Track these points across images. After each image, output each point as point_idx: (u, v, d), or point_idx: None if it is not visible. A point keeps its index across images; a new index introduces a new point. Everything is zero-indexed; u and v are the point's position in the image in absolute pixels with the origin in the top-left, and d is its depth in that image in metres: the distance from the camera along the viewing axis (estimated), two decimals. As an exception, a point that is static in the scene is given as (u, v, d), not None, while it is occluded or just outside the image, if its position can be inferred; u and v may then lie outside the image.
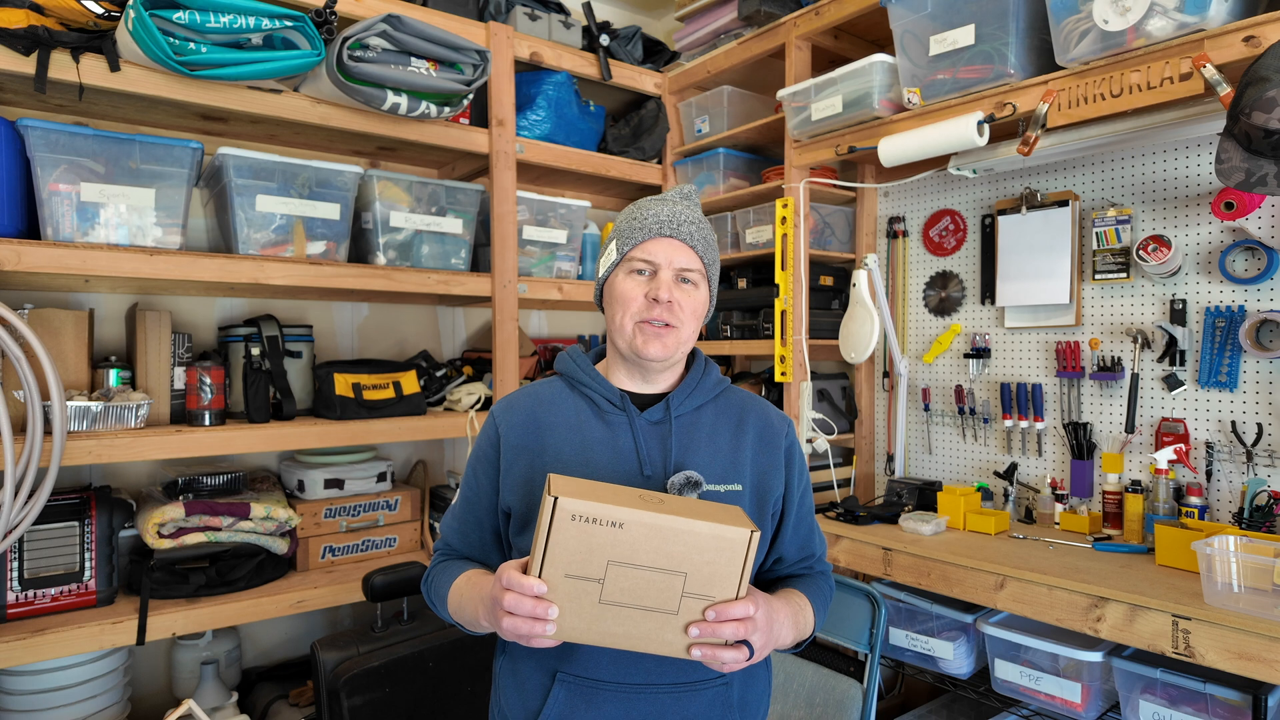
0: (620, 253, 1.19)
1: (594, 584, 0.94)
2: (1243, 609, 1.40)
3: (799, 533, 1.27)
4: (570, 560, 0.93)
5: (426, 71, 2.03)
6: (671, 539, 0.94)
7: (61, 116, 2.02)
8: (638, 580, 0.95)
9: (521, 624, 0.94)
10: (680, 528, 0.93)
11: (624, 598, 0.95)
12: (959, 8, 1.88)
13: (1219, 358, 1.83)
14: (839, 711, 1.62)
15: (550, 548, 0.93)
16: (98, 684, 1.93)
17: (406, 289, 2.22)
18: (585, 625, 0.96)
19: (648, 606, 0.96)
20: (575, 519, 0.91)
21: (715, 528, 0.94)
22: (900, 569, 1.89)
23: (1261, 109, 1.36)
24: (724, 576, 0.96)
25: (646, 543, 0.94)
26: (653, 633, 0.97)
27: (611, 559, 0.94)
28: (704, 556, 0.95)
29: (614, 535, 0.93)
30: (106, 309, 2.21)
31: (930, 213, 2.43)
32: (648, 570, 0.94)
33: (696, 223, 1.20)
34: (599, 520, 0.92)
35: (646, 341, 1.16)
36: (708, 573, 0.95)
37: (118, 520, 1.95)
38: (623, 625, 0.97)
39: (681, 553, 0.94)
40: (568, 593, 0.94)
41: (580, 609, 0.95)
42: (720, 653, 0.98)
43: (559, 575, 0.94)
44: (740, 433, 1.23)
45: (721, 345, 2.70)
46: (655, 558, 0.94)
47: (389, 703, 1.84)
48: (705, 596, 0.96)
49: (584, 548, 0.93)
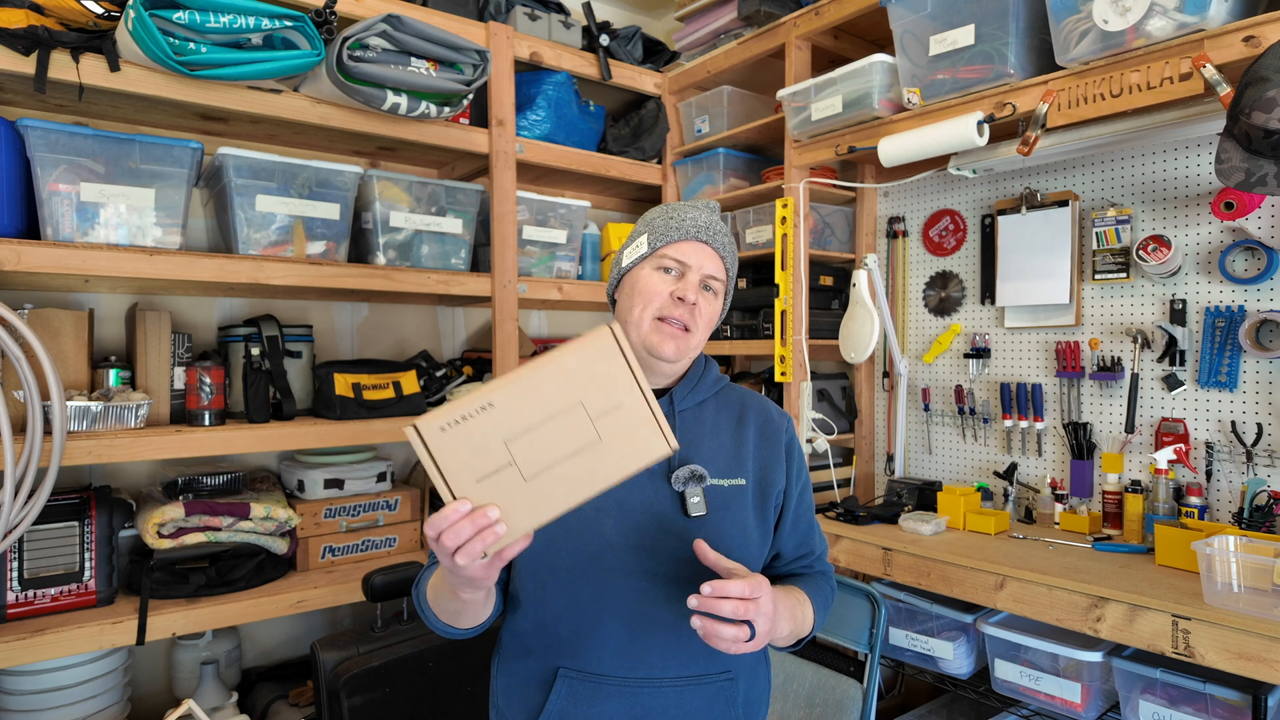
0: (652, 247, 1.20)
1: (509, 469, 0.91)
2: (1242, 609, 1.40)
3: (798, 529, 1.28)
4: (470, 465, 0.89)
5: (426, 71, 2.03)
6: (544, 382, 0.91)
7: (61, 116, 2.02)
8: (544, 438, 0.91)
9: (475, 544, 0.89)
10: (546, 369, 0.90)
11: (545, 460, 0.91)
12: (959, 8, 1.88)
13: (1219, 358, 1.83)
14: (839, 711, 1.62)
15: (444, 469, 0.89)
16: (97, 684, 1.92)
17: (406, 289, 2.22)
18: (530, 507, 0.92)
19: (572, 452, 0.92)
20: (445, 429, 0.88)
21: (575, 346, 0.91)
22: (900, 569, 1.89)
23: (1261, 109, 1.36)
24: (616, 380, 0.93)
25: (526, 403, 0.90)
26: (596, 469, 0.94)
27: (506, 437, 0.90)
28: (584, 376, 0.92)
29: (492, 417, 0.89)
30: (106, 309, 2.21)
31: (930, 213, 2.43)
32: (546, 423, 0.91)
33: (726, 235, 1.25)
34: (467, 415, 0.88)
35: (662, 340, 1.17)
36: (600, 387, 0.92)
37: (118, 520, 1.95)
38: (563, 483, 0.93)
39: (562, 388, 0.91)
40: (492, 493, 0.90)
41: (514, 498, 0.91)
42: (720, 628, 0.97)
43: (470, 484, 0.90)
44: (742, 428, 1.24)
45: (721, 345, 2.70)
46: (543, 409, 0.91)
47: (389, 703, 1.84)
48: (615, 407, 0.93)
49: (474, 445, 0.89)
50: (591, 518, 1.14)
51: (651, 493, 1.16)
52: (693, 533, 1.14)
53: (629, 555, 1.13)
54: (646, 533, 1.14)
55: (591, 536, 1.14)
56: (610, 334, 0.92)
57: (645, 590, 1.13)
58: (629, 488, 1.15)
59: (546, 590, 1.15)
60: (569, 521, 1.13)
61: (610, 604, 1.13)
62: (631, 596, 1.13)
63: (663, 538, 1.14)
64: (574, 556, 1.14)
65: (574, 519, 1.13)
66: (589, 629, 1.13)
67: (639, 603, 1.13)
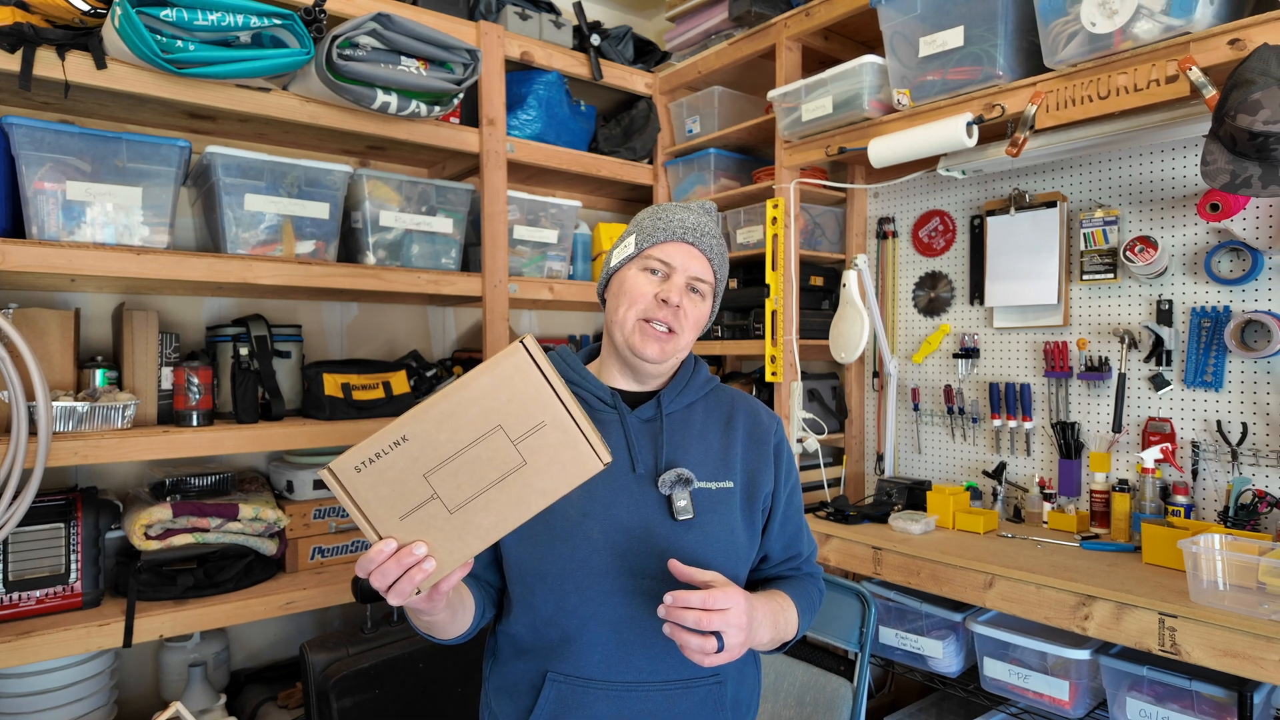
0: (638, 248, 1.20)
1: (433, 503, 0.86)
2: (1228, 607, 1.41)
3: (785, 531, 1.28)
4: (392, 503, 0.86)
5: (416, 70, 2.03)
6: (458, 409, 0.86)
7: (47, 114, 2.00)
8: (465, 468, 0.87)
9: (404, 583, 0.88)
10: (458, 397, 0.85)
11: (468, 490, 0.87)
12: (948, 9, 1.89)
13: (1205, 358, 1.84)
14: (829, 710, 1.62)
15: (364, 508, 0.86)
16: (84, 687, 1.91)
17: (396, 289, 2.21)
18: (458, 540, 0.88)
19: (496, 479, 0.88)
20: (360, 468, 0.85)
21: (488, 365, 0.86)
22: (890, 568, 1.90)
23: (1246, 111, 1.37)
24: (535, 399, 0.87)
25: (440, 433, 0.85)
26: (525, 494, 0.89)
27: (425, 471, 0.86)
28: (500, 398, 0.86)
29: (407, 451, 0.85)
30: (93, 308, 2.19)
31: (920, 213, 2.44)
32: (465, 452, 0.86)
33: (716, 237, 1.23)
34: (382, 452, 0.85)
35: (645, 341, 1.16)
36: (518, 408, 0.87)
37: (104, 522, 1.93)
38: (489, 513, 0.88)
39: (479, 415, 0.86)
40: (417, 529, 0.87)
41: (442, 531, 0.88)
42: (686, 637, 0.97)
43: (394, 522, 0.87)
44: (730, 430, 1.24)
45: (712, 345, 2.70)
46: (460, 438, 0.86)
47: (379, 704, 1.83)
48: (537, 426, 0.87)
49: (392, 483, 0.85)
50: (578, 522, 1.13)
51: (638, 496, 1.15)
52: (680, 536, 1.14)
53: (616, 560, 1.13)
54: (633, 537, 1.13)
55: (578, 541, 1.13)
56: (523, 349, 0.86)
57: (632, 595, 1.13)
58: (615, 491, 1.14)
59: (535, 595, 1.15)
60: (555, 526, 1.13)
61: (597, 608, 1.13)
62: (619, 601, 1.13)
63: (649, 542, 1.14)
64: (561, 562, 1.13)
65: (560, 524, 1.13)
66: (576, 633, 1.13)
67: (626, 607, 1.13)
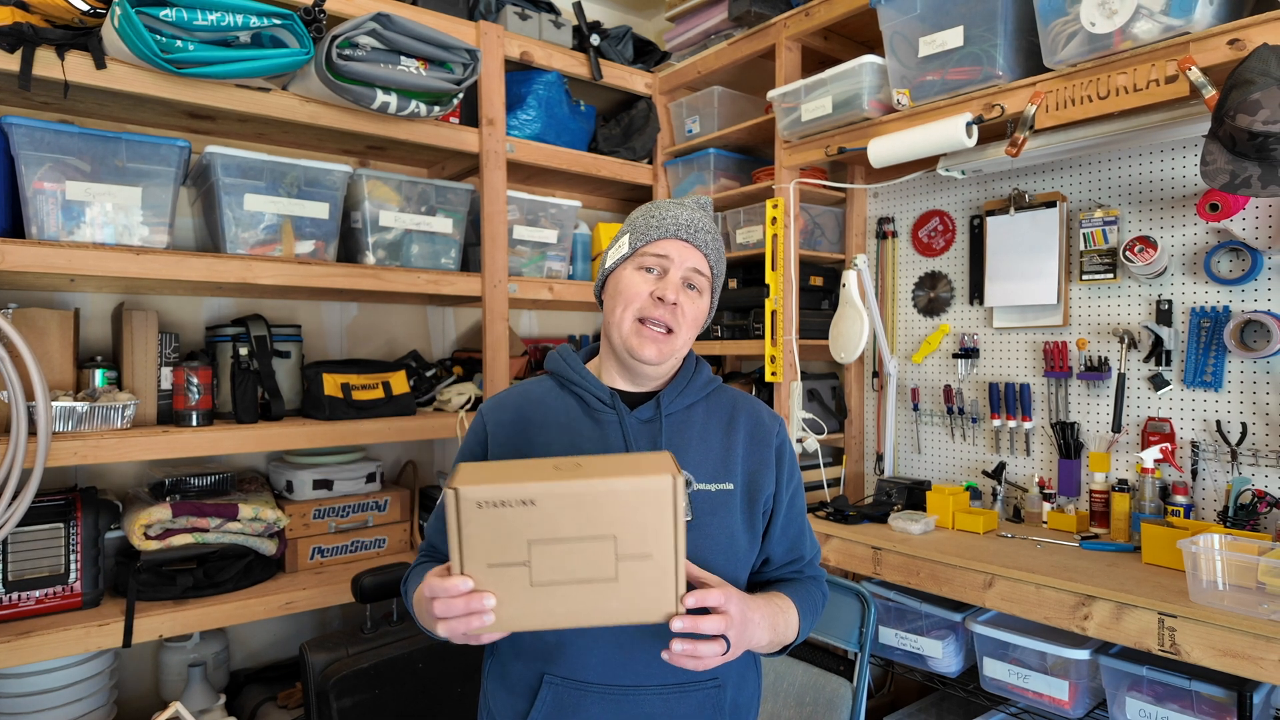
0: (633, 247, 1.19)
1: (521, 568, 0.87)
2: (1227, 606, 1.41)
3: (788, 533, 1.27)
4: (489, 549, 0.86)
5: (416, 70, 2.03)
6: (589, 504, 0.86)
7: (47, 114, 2.00)
8: (566, 555, 0.87)
9: (458, 624, 0.89)
10: (596, 490, 0.85)
11: (556, 575, 0.87)
12: (948, 9, 1.89)
13: (1204, 358, 1.84)
14: (829, 710, 1.62)
15: (465, 541, 0.86)
16: (84, 687, 1.91)
17: (396, 289, 2.21)
18: (524, 611, 0.89)
19: (584, 579, 0.88)
20: (482, 506, 0.85)
21: (634, 482, 0.86)
22: (890, 568, 1.90)
23: (1245, 111, 1.37)
24: (656, 531, 0.87)
25: (564, 513, 0.86)
26: (596, 605, 0.89)
27: (532, 538, 0.86)
28: (629, 514, 0.86)
29: (528, 514, 0.85)
30: (92, 308, 2.19)
31: (919, 213, 2.44)
32: (573, 542, 0.86)
33: (711, 232, 1.22)
34: (507, 502, 0.85)
35: (642, 343, 1.15)
36: (638, 531, 0.87)
37: (104, 522, 1.93)
38: (563, 604, 0.89)
39: (604, 516, 0.86)
40: (496, 582, 0.87)
41: (514, 596, 0.88)
42: (699, 646, 0.95)
43: (481, 567, 0.87)
44: (731, 431, 1.23)
45: (712, 345, 2.70)
46: (578, 527, 0.86)
47: (378, 704, 1.83)
48: (643, 556, 0.88)
49: (500, 533, 0.85)
50: None
51: None
52: None
53: None
54: None
55: None
56: (672, 484, 0.87)
57: None
58: None
59: None
60: None
61: None
62: None
63: None
64: None
65: None
66: (574, 636, 1.12)
67: None
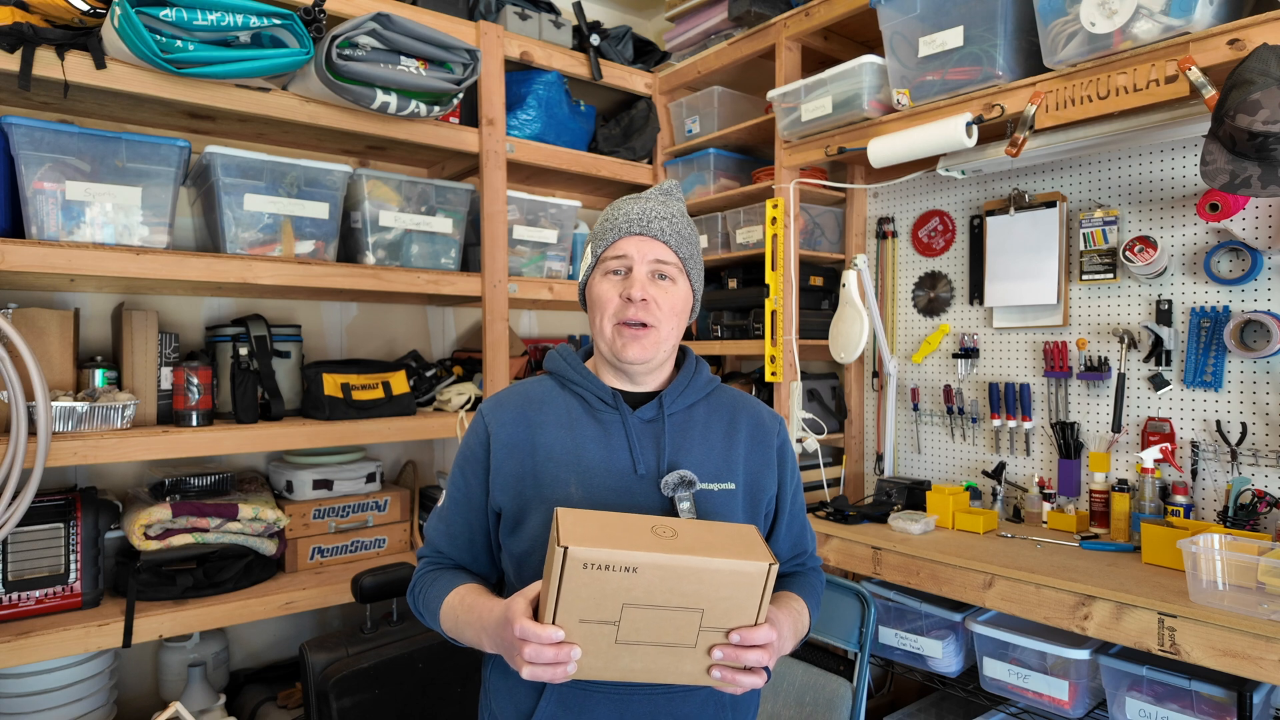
0: (595, 255, 1.19)
1: (610, 626, 0.92)
2: (1227, 606, 1.41)
3: (791, 531, 1.28)
4: (584, 606, 0.91)
5: (416, 70, 2.03)
6: (687, 578, 0.90)
7: (46, 114, 2.00)
8: (654, 619, 0.92)
9: (543, 671, 0.93)
10: (696, 566, 0.90)
11: (641, 636, 0.93)
12: (948, 9, 1.89)
13: (1204, 358, 1.84)
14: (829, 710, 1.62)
15: (563, 596, 0.90)
16: (83, 687, 1.91)
17: (396, 289, 2.21)
18: (602, 664, 0.95)
19: (666, 643, 0.94)
20: (587, 567, 0.88)
21: (733, 564, 0.91)
22: (889, 568, 1.90)
23: (1245, 111, 1.37)
24: (742, 608, 0.93)
25: (662, 583, 0.90)
26: (671, 666, 0.96)
27: (627, 602, 0.91)
28: (721, 592, 0.92)
29: (628, 579, 0.89)
30: (92, 308, 2.19)
31: (919, 213, 2.44)
32: (664, 610, 0.92)
33: (669, 218, 1.18)
34: (612, 566, 0.89)
35: (625, 345, 1.15)
36: (725, 607, 0.93)
37: (104, 522, 1.93)
38: (640, 661, 0.95)
39: (698, 590, 0.91)
40: (583, 635, 0.92)
41: (596, 649, 0.94)
42: (739, 677, 0.98)
43: (573, 621, 0.91)
44: (733, 431, 1.23)
45: (712, 345, 2.70)
46: (671, 597, 0.91)
47: (378, 704, 1.83)
48: (723, 628, 0.94)
49: (597, 594, 0.90)
50: None
51: (640, 499, 1.14)
52: None
53: None
54: None
55: None
56: (767, 571, 0.92)
57: None
58: (618, 494, 1.14)
59: None
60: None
61: None
62: None
63: None
64: None
65: None
66: None
67: None
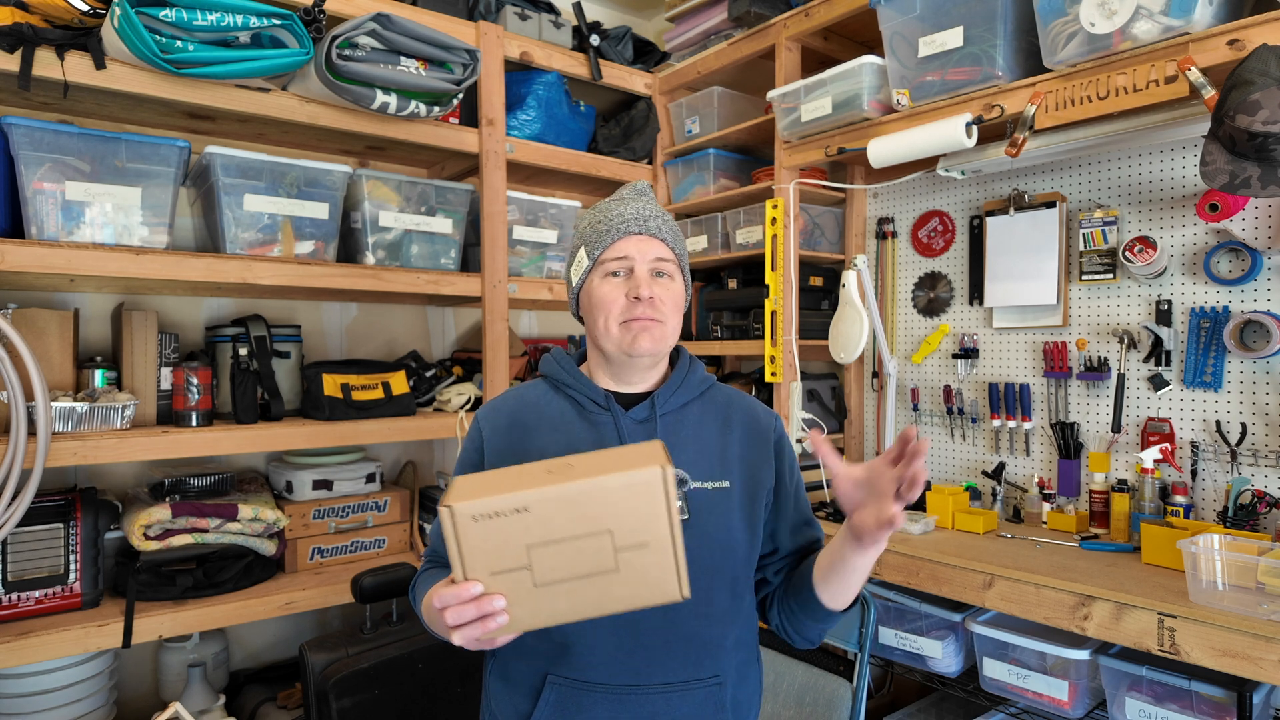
0: (592, 258, 1.19)
1: (523, 572, 0.90)
2: (1227, 607, 1.41)
3: (794, 519, 1.29)
4: (489, 558, 0.89)
5: (416, 71, 2.03)
6: (581, 504, 0.88)
7: (46, 114, 2.00)
8: (565, 554, 0.90)
9: (472, 629, 0.91)
10: (586, 488, 0.88)
11: (558, 574, 0.91)
12: (947, 10, 1.89)
13: (1204, 358, 1.84)
14: (828, 710, 1.62)
15: (465, 555, 0.89)
16: (83, 687, 1.91)
17: (395, 289, 2.21)
18: (533, 610, 0.93)
19: (586, 574, 0.91)
20: (477, 519, 0.88)
21: (622, 477, 0.88)
22: (889, 568, 1.90)
23: (1245, 112, 1.37)
24: (650, 519, 0.90)
25: (558, 516, 0.88)
26: (603, 595, 0.93)
27: (529, 543, 0.89)
28: (621, 509, 0.89)
29: (523, 520, 0.88)
30: (92, 309, 2.19)
31: (919, 214, 2.44)
32: (570, 541, 0.89)
33: (661, 216, 1.21)
34: (501, 512, 0.88)
35: (636, 338, 1.15)
36: (632, 521, 0.90)
37: (103, 522, 1.93)
38: (569, 599, 0.93)
39: (598, 514, 0.89)
40: (500, 587, 0.91)
41: (519, 598, 0.92)
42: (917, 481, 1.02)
43: (485, 575, 0.90)
44: (727, 429, 1.23)
45: (711, 345, 2.70)
46: (572, 527, 0.89)
47: (378, 704, 1.83)
48: (640, 545, 0.91)
49: (499, 543, 0.89)
50: None
51: None
52: None
53: None
54: None
55: None
56: (661, 475, 0.89)
57: None
58: None
59: None
60: None
61: None
62: None
63: None
64: None
65: None
66: (576, 636, 1.12)
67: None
